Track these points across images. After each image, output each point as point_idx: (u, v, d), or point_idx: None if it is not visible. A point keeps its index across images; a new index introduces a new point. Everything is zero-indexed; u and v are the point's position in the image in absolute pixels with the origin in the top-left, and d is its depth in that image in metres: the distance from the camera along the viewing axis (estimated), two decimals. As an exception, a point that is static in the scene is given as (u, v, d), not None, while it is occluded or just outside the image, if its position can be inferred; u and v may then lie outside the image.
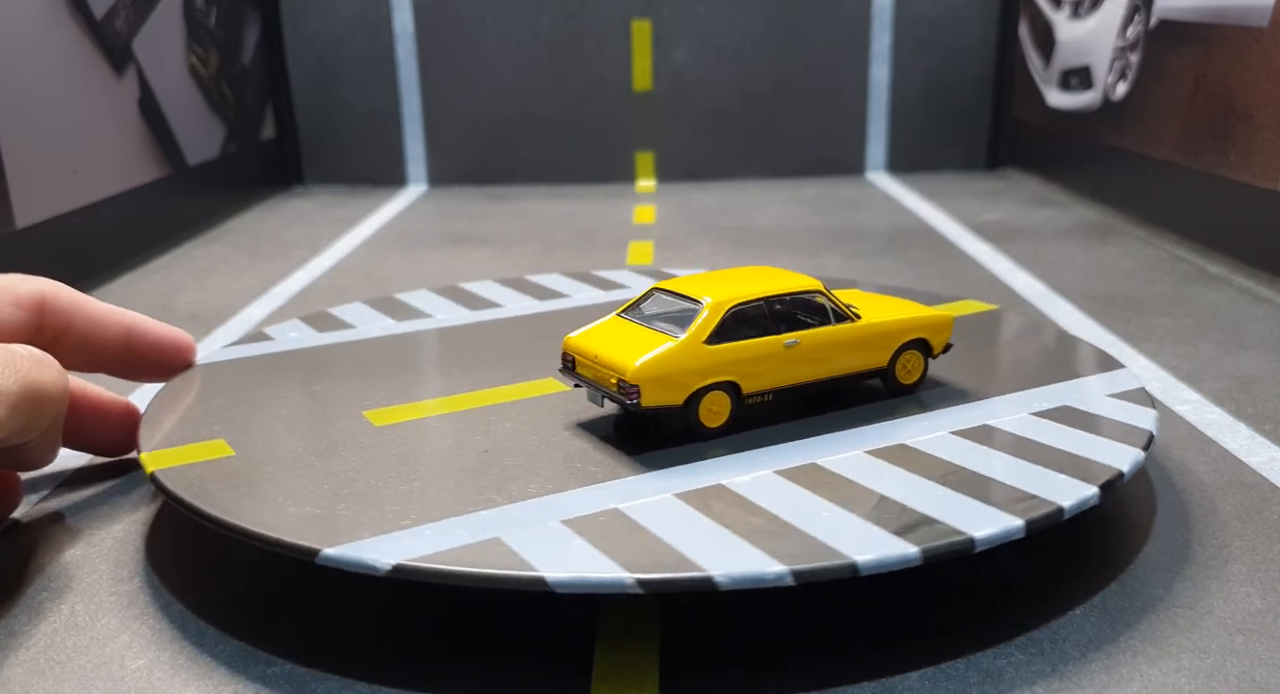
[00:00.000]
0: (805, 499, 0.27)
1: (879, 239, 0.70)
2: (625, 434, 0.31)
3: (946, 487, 0.27)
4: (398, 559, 0.24)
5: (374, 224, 0.79)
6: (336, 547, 0.24)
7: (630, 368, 0.30)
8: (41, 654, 0.25)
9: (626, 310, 0.34)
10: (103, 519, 0.32)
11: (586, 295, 0.48)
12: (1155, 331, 0.48)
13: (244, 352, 0.39)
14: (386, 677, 0.24)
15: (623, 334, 0.32)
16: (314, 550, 0.24)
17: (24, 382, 0.27)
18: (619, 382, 0.30)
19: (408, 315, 0.44)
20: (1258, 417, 0.38)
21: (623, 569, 0.23)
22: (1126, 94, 0.75)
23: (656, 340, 0.31)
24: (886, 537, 0.25)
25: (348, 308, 0.45)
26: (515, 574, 0.23)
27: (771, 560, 0.24)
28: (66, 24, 0.61)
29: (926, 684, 0.23)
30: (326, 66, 0.95)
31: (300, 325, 0.43)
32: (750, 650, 0.25)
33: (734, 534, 0.25)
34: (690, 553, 0.24)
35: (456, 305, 0.46)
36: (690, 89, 0.96)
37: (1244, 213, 0.60)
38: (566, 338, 0.33)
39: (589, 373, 0.32)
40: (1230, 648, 0.24)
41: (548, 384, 0.36)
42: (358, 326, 0.43)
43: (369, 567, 0.24)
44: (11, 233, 0.54)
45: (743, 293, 0.32)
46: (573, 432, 0.32)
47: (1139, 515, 0.31)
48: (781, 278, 0.34)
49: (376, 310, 0.45)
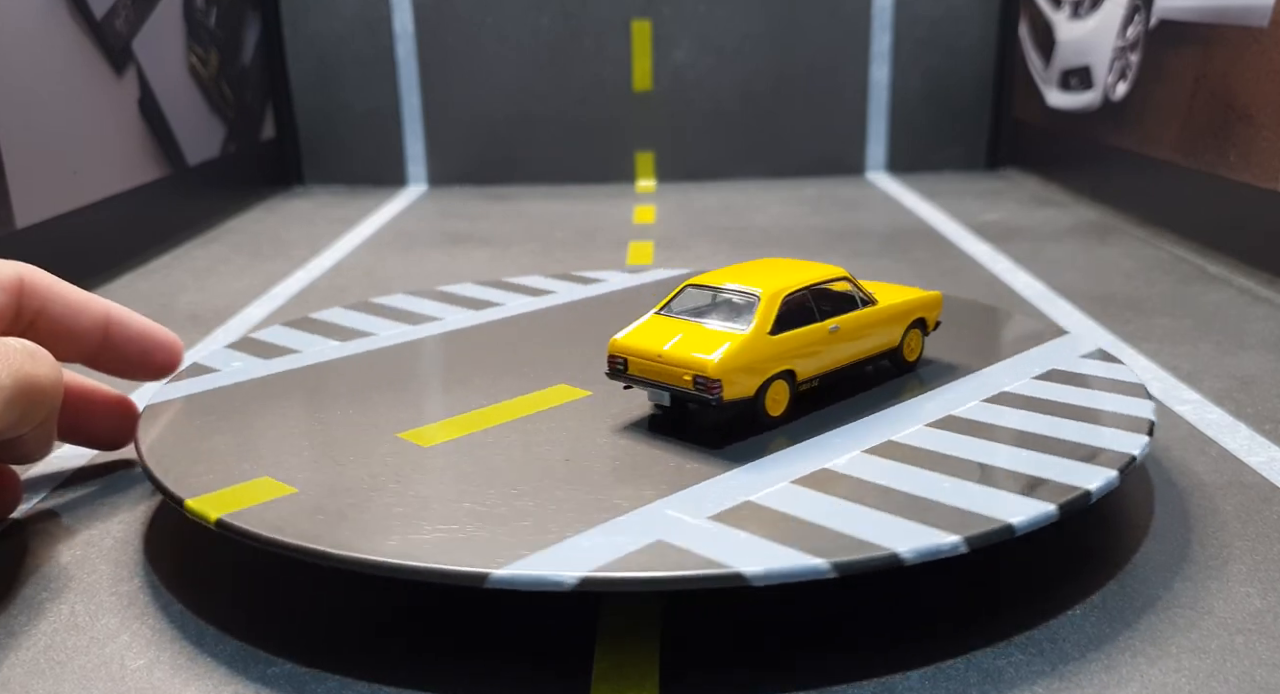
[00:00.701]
0: (914, 473, 0.28)
1: (879, 239, 0.70)
2: (672, 432, 0.32)
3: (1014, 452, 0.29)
4: (583, 572, 0.23)
5: (374, 224, 0.79)
6: (507, 568, 0.23)
7: (710, 363, 0.30)
8: (41, 654, 0.25)
9: (664, 308, 0.34)
10: (102, 519, 0.32)
11: (564, 294, 0.48)
12: (1155, 331, 0.48)
13: (230, 371, 0.37)
14: (386, 677, 0.24)
15: (678, 331, 0.32)
16: (483, 575, 0.23)
17: (18, 375, 0.27)
18: (696, 378, 0.30)
19: (371, 326, 0.43)
20: (1258, 416, 0.38)
21: (811, 555, 0.24)
22: (1126, 94, 0.75)
23: (721, 335, 0.31)
24: (1015, 499, 0.26)
25: (325, 313, 0.45)
26: (711, 573, 0.23)
27: (945, 534, 0.24)
28: (66, 24, 0.61)
29: (926, 684, 0.23)
30: (326, 66, 0.95)
31: (284, 332, 0.42)
32: (750, 650, 0.25)
33: (881, 511, 0.26)
34: (858, 533, 0.25)
35: (416, 318, 0.44)
36: (690, 89, 0.96)
37: (1244, 213, 0.60)
38: (614, 340, 0.32)
39: (650, 373, 0.32)
40: (1230, 648, 0.24)
41: (565, 390, 0.35)
42: (328, 343, 0.41)
43: (554, 583, 0.23)
44: (11, 233, 0.54)
45: (790, 282, 0.33)
46: (628, 433, 0.31)
47: (1139, 515, 0.31)
48: (807, 267, 0.35)
49: (358, 314, 0.44)
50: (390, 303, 0.46)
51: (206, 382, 0.36)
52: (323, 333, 0.42)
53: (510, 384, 0.36)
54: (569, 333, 0.42)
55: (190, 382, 0.36)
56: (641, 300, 0.47)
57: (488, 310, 0.45)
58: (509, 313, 0.45)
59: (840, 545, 0.24)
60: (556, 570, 0.23)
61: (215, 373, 0.37)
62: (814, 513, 0.26)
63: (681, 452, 0.30)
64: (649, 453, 0.30)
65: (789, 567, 0.23)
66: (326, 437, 0.32)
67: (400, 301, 0.47)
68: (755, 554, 0.24)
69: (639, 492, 0.27)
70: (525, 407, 0.34)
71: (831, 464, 0.29)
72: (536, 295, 0.48)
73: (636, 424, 0.32)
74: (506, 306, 0.46)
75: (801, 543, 0.24)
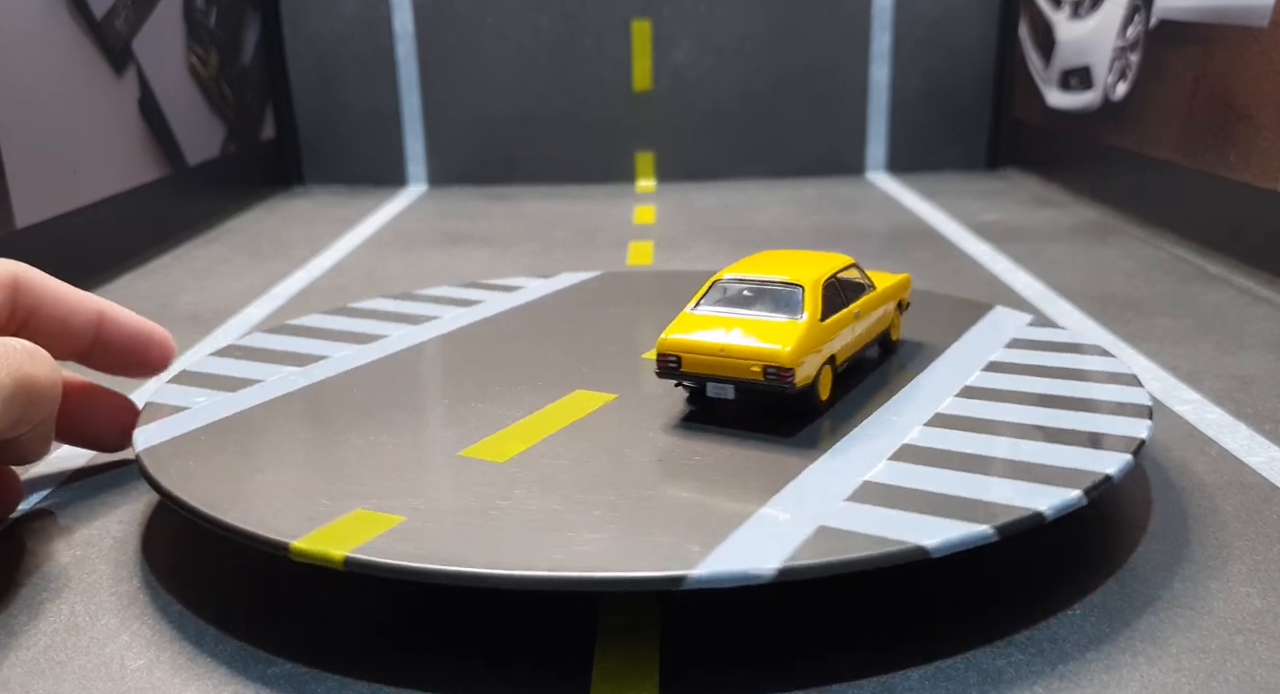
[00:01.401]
0: (988, 441, 0.30)
1: (879, 239, 0.70)
2: (725, 421, 0.32)
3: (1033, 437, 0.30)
4: (777, 563, 0.23)
5: (374, 224, 0.79)
6: (700, 568, 0.23)
7: (784, 352, 0.31)
8: (41, 654, 0.25)
9: (699, 304, 0.34)
10: (102, 520, 0.32)
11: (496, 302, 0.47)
12: (1155, 332, 0.48)
13: (245, 394, 0.35)
14: (386, 677, 0.24)
15: (729, 325, 0.32)
16: (679, 577, 0.23)
17: (17, 375, 0.27)
18: (767, 368, 0.31)
19: (319, 349, 0.40)
20: (1257, 416, 0.38)
21: (974, 523, 0.25)
22: (1126, 94, 0.75)
23: (780, 324, 0.32)
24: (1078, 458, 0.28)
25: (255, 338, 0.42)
26: (892, 550, 0.24)
27: (1068, 490, 0.26)
28: (67, 24, 0.61)
29: (926, 684, 0.23)
30: (326, 66, 0.95)
31: (266, 367, 0.38)
32: (750, 650, 0.25)
33: (995, 477, 0.27)
34: (992, 497, 0.26)
35: (361, 337, 0.42)
36: (690, 89, 0.96)
37: (1244, 213, 0.60)
38: (664, 339, 0.32)
39: (710, 368, 0.32)
40: (1230, 648, 0.24)
41: (589, 396, 0.35)
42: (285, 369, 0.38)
43: (754, 577, 0.23)
44: (11, 232, 0.54)
45: (822, 271, 0.34)
46: (684, 430, 0.32)
47: (1138, 515, 0.31)
48: (821, 256, 0.36)
49: (288, 338, 0.41)
50: (312, 323, 0.43)
51: (219, 408, 0.34)
52: (276, 361, 0.39)
53: (528, 395, 0.35)
54: (537, 340, 0.41)
55: (201, 406, 0.34)
56: (570, 304, 0.47)
57: (428, 324, 0.43)
58: (451, 326, 0.43)
59: (984, 511, 0.25)
60: (754, 565, 0.23)
61: (227, 394, 0.35)
62: (934, 484, 0.27)
63: (758, 443, 0.31)
64: (726, 447, 0.30)
65: (959, 536, 0.24)
66: (390, 461, 0.30)
67: (320, 321, 0.44)
68: (917, 528, 0.25)
69: (749, 483, 0.28)
70: (563, 415, 0.33)
71: (908, 439, 0.30)
72: (467, 306, 0.46)
73: (682, 421, 0.32)
74: (444, 319, 0.44)
75: (950, 512, 0.25)
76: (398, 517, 0.26)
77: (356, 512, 0.27)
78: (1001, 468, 0.28)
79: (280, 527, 0.26)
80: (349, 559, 0.24)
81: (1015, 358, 0.37)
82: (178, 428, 0.32)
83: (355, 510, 0.27)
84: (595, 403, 0.34)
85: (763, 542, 0.24)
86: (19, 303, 0.31)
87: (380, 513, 0.26)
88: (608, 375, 0.37)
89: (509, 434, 0.32)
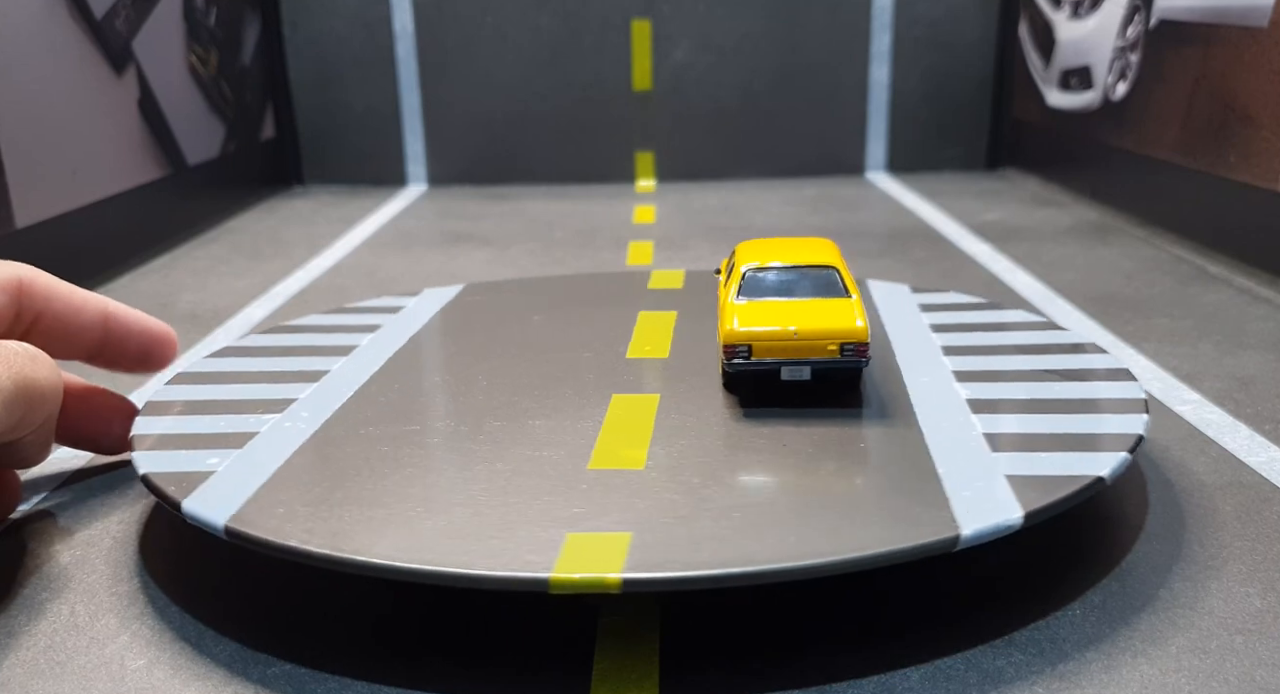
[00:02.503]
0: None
1: (879, 239, 0.70)
2: (783, 402, 0.33)
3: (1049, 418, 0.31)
4: (1020, 511, 0.25)
5: (374, 224, 0.80)
6: (970, 528, 0.25)
7: (859, 329, 0.32)
8: (41, 654, 0.25)
9: (740, 294, 0.35)
10: (102, 519, 0.32)
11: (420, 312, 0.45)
12: (1155, 332, 0.48)
13: (298, 420, 0.33)
14: (386, 677, 0.24)
15: (787, 310, 0.34)
16: (954, 539, 0.25)
17: (18, 378, 0.27)
18: (844, 346, 0.32)
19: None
20: (1257, 417, 0.38)
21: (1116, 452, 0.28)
22: (1126, 94, 0.75)
23: (835, 303, 0.34)
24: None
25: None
26: (1086, 481, 0.26)
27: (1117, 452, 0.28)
28: (66, 24, 0.61)
29: (926, 683, 0.23)
30: (326, 66, 0.95)
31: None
32: (750, 650, 0.25)
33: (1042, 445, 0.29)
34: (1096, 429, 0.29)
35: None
36: (690, 89, 0.96)
37: (1244, 213, 0.60)
38: (732, 331, 0.33)
39: (784, 352, 0.33)
40: (1230, 648, 0.24)
41: (635, 400, 0.34)
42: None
43: (1008, 526, 0.25)
44: (11, 233, 0.54)
45: (833, 253, 0.36)
46: (762, 416, 0.32)
47: (1137, 515, 0.31)
48: (812, 241, 0.38)
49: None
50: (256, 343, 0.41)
51: (272, 443, 0.31)
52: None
53: (571, 407, 0.34)
54: (504, 354, 0.39)
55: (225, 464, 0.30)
56: (480, 316, 0.44)
57: (357, 353, 0.39)
58: (381, 352, 0.39)
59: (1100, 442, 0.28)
60: (997, 518, 0.25)
61: (236, 450, 0.31)
62: (1032, 427, 0.30)
63: (845, 418, 0.32)
64: (822, 425, 0.31)
65: (1122, 460, 0.27)
66: (526, 484, 0.28)
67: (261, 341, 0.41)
68: (1085, 463, 0.27)
69: (892, 451, 0.29)
70: (636, 418, 0.32)
71: (968, 395, 0.33)
72: (368, 331, 0.42)
73: (747, 410, 0.33)
74: (365, 346, 0.40)
75: (1075, 447, 0.28)
76: (624, 533, 0.25)
77: (572, 537, 0.25)
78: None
79: (477, 562, 0.24)
80: (627, 582, 0.23)
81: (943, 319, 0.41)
82: (322, 505, 0.27)
83: (568, 535, 0.25)
84: (649, 406, 0.34)
85: (981, 498, 0.26)
86: (25, 307, 0.31)
87: (600, 533, 0.25)
88: (620, 378, 0.36)
89: (611, 443, 0.30)
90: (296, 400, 0.34)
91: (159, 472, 0.29)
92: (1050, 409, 0.31)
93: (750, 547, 0.24)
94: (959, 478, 0.27)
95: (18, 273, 0.31)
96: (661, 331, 0.42)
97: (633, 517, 0.26)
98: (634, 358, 0.39)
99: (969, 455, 0.28)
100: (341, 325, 0.43)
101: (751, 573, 0.23)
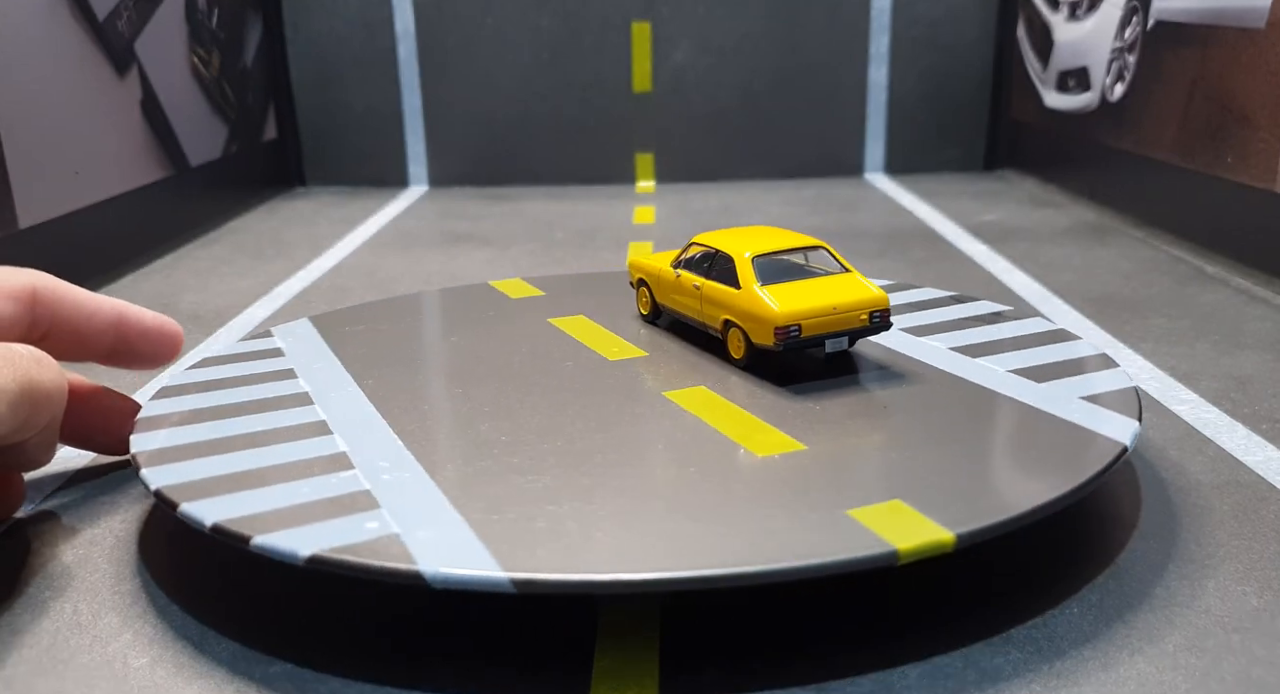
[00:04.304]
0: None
1: (877, 240, 0.70)
2: (814, 376, 0.35)
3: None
4: (1120, 447, 0.28)
5: (375, 224, 0.80)
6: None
7: (882, 296, 0.36)
8: (45, 652, 0.25)
9: (761, 280, 0.36)
10: (104, 518, 0.32)
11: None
12: (1153, 332, 0.48)
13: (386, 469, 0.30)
14: (386, 677, 0.24)
15: (812, 288, 0.36)
16: (1123, 446, 0.28)
17: (23, 380, 0.27)
18: (873, 314, 0.36)
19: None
20: (1255, 416, 0.38)
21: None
22: (1124, 95, 0.75)
23: (847, 277, 0.37)
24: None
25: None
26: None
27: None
28: (69, 25, 0.61)
29: (924, 682, 0.23)
30: (328, 67, 0.95)
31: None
32: (749, 650, 0.25)
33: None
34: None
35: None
36: (690, 90, 0.96)
37: (1241, 213, 0.60)
38: (778, 312, 0.34)
39: (827, 327, 0.35)
40: (1227, 646, 0.24)
41: (693, 391, 0.35)
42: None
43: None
44: (14, 233, 0.55)
45: (802, 236, 0.39)
46: (808, 391, 0.34)
47: (1134, 514, 0.31)
48: (763, 229, 0.40)
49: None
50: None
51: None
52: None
53: (643, 412, 0.33)
54: (490, 371, 0.37)
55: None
56: (387, 335, 0.42)
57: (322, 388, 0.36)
58: (338, 387, 0.36)
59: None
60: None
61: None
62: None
63: (882, 379, 0.35)
64: (872, 391, 0.34)
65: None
66: (727, 475, 0.28)
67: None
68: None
69: (987, 407, 0.32)
70: (718, 410, 0.33)
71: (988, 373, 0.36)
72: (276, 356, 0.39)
73: (794, 386, 0.35)
74: (315, 378, 0.37)
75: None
76: (894, 501, 0.26)
77: (855, 512, 0.26)
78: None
79: (784, 553, 0.24)
80: (960, 536, 0.24)
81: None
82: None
83: (849, 512, 0.26)
84: (708, 396, 0.34)
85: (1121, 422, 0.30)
86: (39, 315, 0.32)
87: (874, 505, 0.26)
88: (638, 378, 0.36)
89: (743, 432, 0.31)
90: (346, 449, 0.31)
91: (238, 527, 0.26)
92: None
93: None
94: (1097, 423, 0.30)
95: (32, 281, 0.32)
96: (602, 332, 0.42)
97: (886, 486, 0.27)
98: (618, 360, 0.38)
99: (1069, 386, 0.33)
100: (244, 376, 0.37)
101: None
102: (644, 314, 0.43)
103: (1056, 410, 0.32)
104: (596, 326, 0.43)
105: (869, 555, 0.23)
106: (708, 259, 0.39)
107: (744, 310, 0.36)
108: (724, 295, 0.37)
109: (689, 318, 0.40)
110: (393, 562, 0.24)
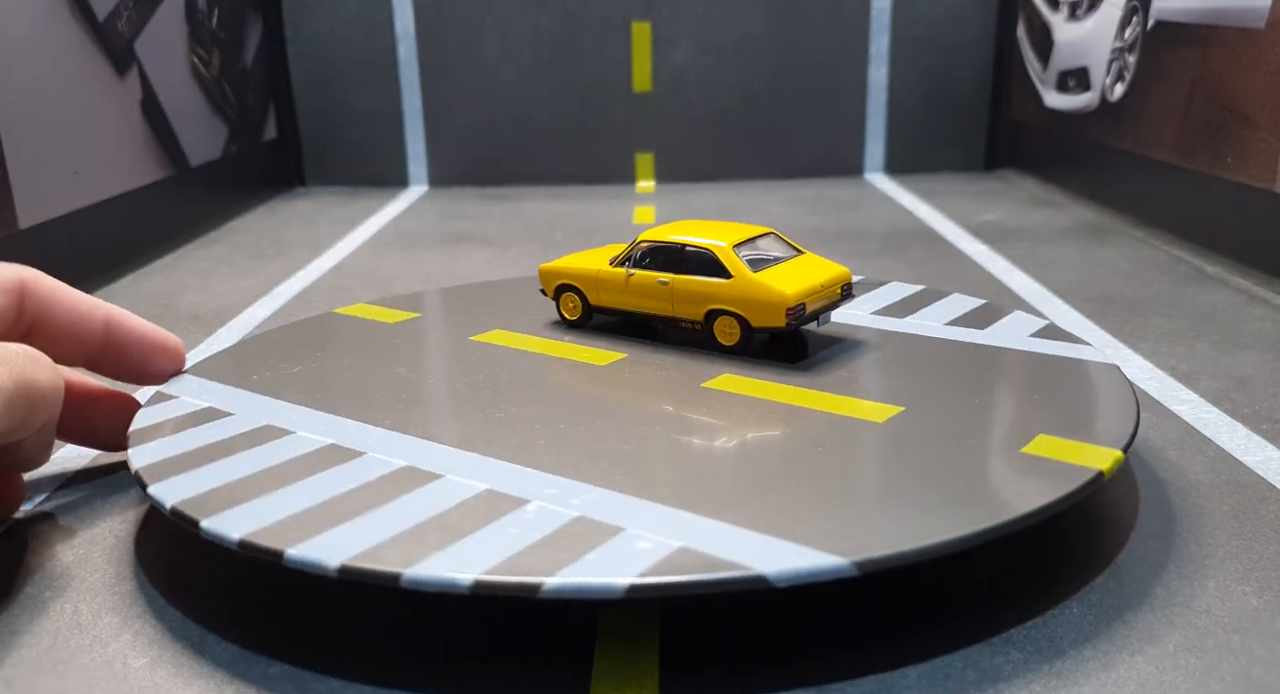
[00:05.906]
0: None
1: (877, 239, 0.70)
2: (814, 352, 0.38)
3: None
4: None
5: (375, 224, 0.80)
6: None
7: (845, 270, 0.39)
8: (44, 653, 0.25)
9: (752, 266, 0.38)
10: (104, 519, 0.32)
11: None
12: (1152, 332, 0.48)
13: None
14: (386, 677, 0.24)
15: (792, 269, 0.38)
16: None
17: (19, 379, 0.27)
18: (844, 287, 0.39)
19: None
20: (1254, 416, 0.38)
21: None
22: (1124, 95, 0.75)
23: (806, 258, 0.40)
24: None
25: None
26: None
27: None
28: (69, 26, 0.61)
29: (924, 682, 0.23)
30: (328, 67, 0.95)
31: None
32: (749, 650, 0.25)
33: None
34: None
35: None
36: (690, 90, 0.96)
37: (1241, 213, 0.60)
38: (786, 294, 0.37)
39: (821, 302, 0.38)
40: (1226, 646, 0.24)
41: (742, 380, 0.35)
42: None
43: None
44: (14, 233, 0.55)
45: (751, 227, 0.41)
46: (818, 369, 0.36)
47: (1133, 514, 0.31)
48: (702, 222, 0.42)
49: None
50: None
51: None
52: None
53: (691, 410, 0.33)
54: (492, 405, 0.34)
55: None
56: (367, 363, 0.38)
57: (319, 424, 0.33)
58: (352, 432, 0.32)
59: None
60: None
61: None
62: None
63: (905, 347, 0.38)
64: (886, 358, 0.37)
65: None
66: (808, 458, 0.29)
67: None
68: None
69: (1017, 370, 0.35)
70: (806, 399, 0.34)
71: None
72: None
73: (797, 366, 0.36)
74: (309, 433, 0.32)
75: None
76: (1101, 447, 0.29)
77: (1040, 437, 0.29)
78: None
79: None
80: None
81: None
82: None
83: (1039, 435, 0.29)
84: (745, 382, 0.35)
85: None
86: (25, 308, 0.31)
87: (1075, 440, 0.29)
88: (641, 379, 0.36)
89: (826, 409, 0.33)
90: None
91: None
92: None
93: None
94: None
95: (20, 274, 0.32)
96: (553, 343, 0.40)
97: (1024, 425, 0.31)
98: (609, 364, 0.37)
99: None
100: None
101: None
102: (570, 320, 0.42)
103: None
104: (537, 338, 0.40)
105: (1081, 484, 0.26)
106: (669, 255, 0.39)
107: (743, 298, 0.37)
108: (708, 287, 0.38)
109: (649, 314, 0.40)
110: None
